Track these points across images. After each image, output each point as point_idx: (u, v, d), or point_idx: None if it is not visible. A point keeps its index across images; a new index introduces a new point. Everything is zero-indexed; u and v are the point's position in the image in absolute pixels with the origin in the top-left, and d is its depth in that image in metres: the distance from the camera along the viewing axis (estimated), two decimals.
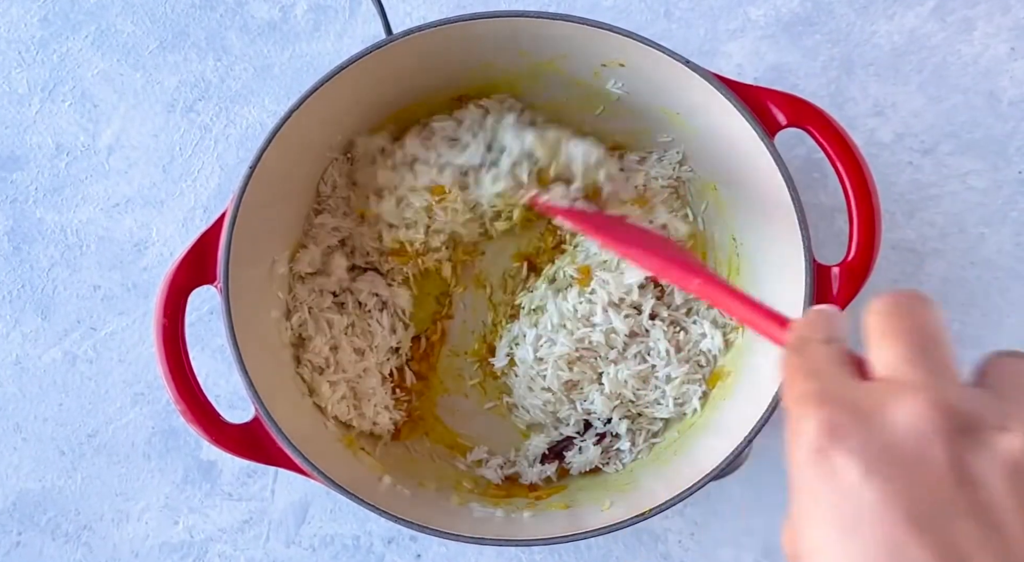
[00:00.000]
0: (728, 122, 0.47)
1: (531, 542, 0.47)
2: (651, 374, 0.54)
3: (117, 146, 0.61)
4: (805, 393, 0.24)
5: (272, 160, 0.47)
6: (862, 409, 0.23)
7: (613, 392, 0.53)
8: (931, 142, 0.58)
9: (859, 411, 0.23)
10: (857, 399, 0.23)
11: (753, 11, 0.60)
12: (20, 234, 0.60)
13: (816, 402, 0.24)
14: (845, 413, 0.23)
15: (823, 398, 0.24)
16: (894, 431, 0.22)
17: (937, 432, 0.22)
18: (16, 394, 0.59)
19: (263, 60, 0.61)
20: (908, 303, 0.25)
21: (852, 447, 0.22)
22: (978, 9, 0.59)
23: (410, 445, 0.56)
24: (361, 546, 0.57)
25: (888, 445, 0.22)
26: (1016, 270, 0.58)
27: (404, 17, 0.61)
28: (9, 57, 0.61)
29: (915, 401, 0.23)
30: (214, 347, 0.59)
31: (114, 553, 0.58)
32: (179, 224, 0.60)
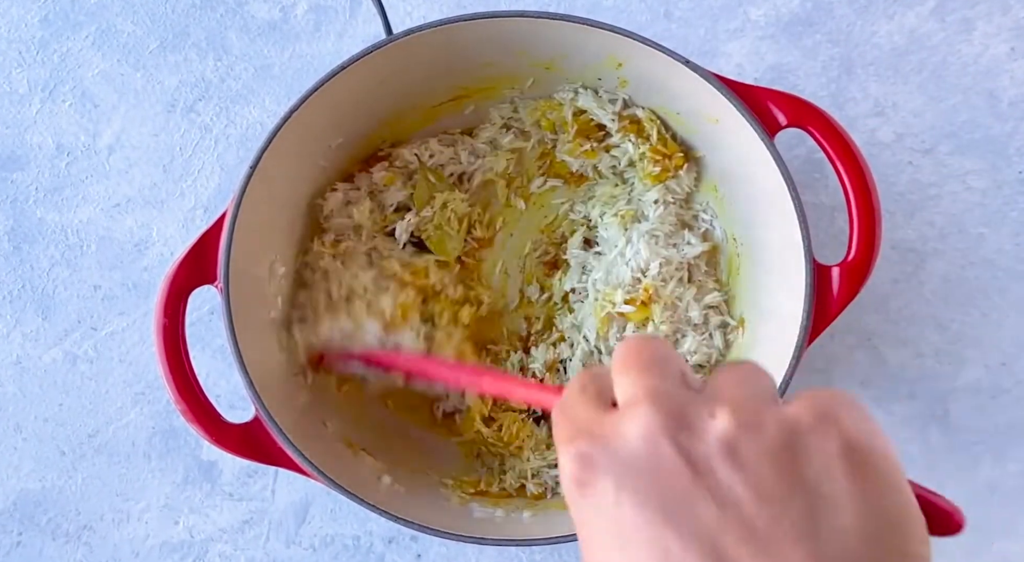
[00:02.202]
0: (728, 122, 0.47)
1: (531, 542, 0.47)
2: None
3: (117, 146, 0.61)
4: (561, 436, 0.27)
5: (272, 160, 0.47)
6: (604, 434, 0.25)
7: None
8: (931, 142, 0.59)
9: (601, 437, 0.25)
10: (601, 427, 0.26)
11: (753, 11, 0.60)
12: (20, 234, 0.60)
13: (568, 440, 0.26)
14: (589, 442, 0.25)
15: (573, 435, 0.26)
16: (627, 444, 0.25)
17: (661, 431, 0.24)
18: (16, 394, 0.59)
19: (263, 60, 0.61)
20: (638, 340, 0.28)
21: (601, 469, 0.25)
22: (978, 9, 0.59)
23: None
24: (361, 546, 0.57)
25: (627, 458, 0.24)
26: (1016, 270, 0.58)
27: (404, 17, 0.61)
28: (9, 57, 0.61)
29: (639, 412, 0.25)
30: (214, 347, 0.59)
31: (114, 553, 0.58)
32: (179, 224, 0.60)
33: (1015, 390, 0.57)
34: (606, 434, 0.25)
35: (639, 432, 0.25)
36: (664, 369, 0.26)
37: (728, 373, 0.27)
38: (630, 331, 0.54)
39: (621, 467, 0.24)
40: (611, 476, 0.24)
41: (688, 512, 0.23)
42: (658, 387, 0.26)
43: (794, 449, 0.23)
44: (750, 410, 0.24)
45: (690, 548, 0.23)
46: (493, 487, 0.55)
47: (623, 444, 0.25)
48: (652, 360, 0.27)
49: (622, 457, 0.25)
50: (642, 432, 0.25)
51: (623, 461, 0.24)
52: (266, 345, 0.50)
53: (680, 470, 0.24)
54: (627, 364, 0.27)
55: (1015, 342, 0.57)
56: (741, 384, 0.26)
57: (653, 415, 0.25)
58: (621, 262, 0.54)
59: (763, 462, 0.23)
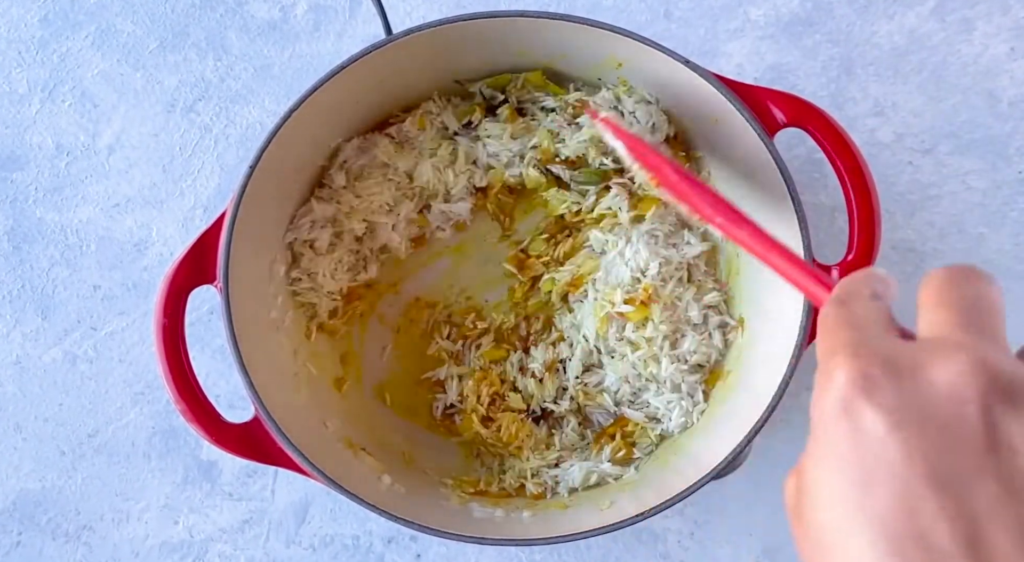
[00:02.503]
0: (728, 122, 0.47)
1: (531, 542, 0.47)
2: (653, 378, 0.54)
3: (117, 146, 0.61)
4: (841, 343, 0.23)
5: (272, 160, 0.47)
6: (898, 365, 0.22)
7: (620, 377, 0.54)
8: (931, 142, 0.59)
9: (895, 366, 0.22)
10: (895, 354, 0.22)
11: (753, 11, 0.60)
12: (20, 234, 0.60)
13: (851, 353, 0.23)
14: (879, 366, 0.22)
15: (859, 350, 0.23)
16: (929, 390, 0.21)
17: (976, 395, 0.21)
18: (16, 394, 0.59)
19: (263, 60, 0.61)
20: (963, 274, 0.24)
21: (882, 402, 0.22)
22: (978, 9, 0.59)
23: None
24: (361, 546, 0.57)
25: (921, 403, 0.21)
26: (1016, 270, 0.58)
27: (404, 17, 0.61)
28: (9, 57, 0.61)
29: (957, 361, 0.22)
30: (214, 347, 0.59)
31: (114, 553, 0.58)
32: (179, 224, 0.60)
33: None
34: (903, 366, 0.22)
35: (948, 384, 0.21)
36: (988, 322, 0.23)
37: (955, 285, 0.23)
38: (629, 331, 0.54)
39: (907, 409, 0.21)
40: (891, 414, 0.21)
41: (963, 484, 0.20)
42: (980, 346, 0.22)
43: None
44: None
45: (943, 516, 0.20)
46: (493, 487, 0.55)
47: (922, 388, 0.21)
48: (975, 308, 0.23)
49: (915, 400, 0.21)
50: (952, 385, 0.21)
51: (913, 404, 0.21)
52: (266, 345, 0.50)
53: (977, 441, 0.21)
54: (946, 299, 0.24)
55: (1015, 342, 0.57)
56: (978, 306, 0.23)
57: (971, 372, 0.21)
58: (620, 262, 0.54)
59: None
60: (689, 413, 0.54)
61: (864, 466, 0.21)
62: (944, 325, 0.23)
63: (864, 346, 0.23)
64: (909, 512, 0.21)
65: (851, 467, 0.22)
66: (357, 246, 0.56)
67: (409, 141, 0.56)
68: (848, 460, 0.22)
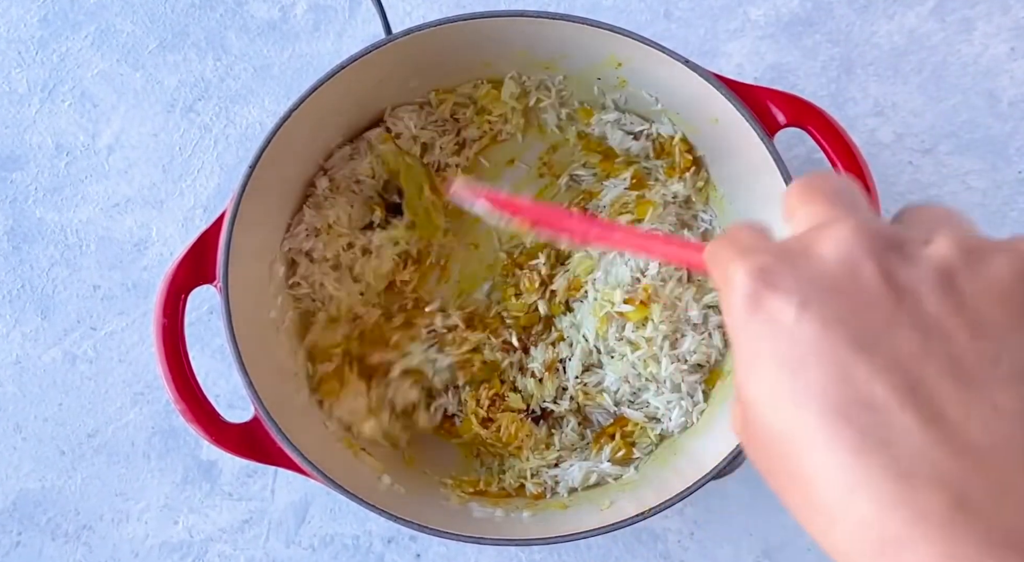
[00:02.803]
0: (728, 122, 0.47)
1: (531, 542, 0.47)
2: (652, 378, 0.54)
3: (117, 146, 0.61)
4: (729, 256, 0.24)
5: (272, 160, 0.47)
6: (789, 252, 0.23)
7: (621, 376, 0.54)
8: (931, 142, 0.59)
9: (786, 253, 0.23)
10: (782, 246, 0.23)
11: (753, 11, 0.60)
12: (20, 234, 0.60)
13: (741, 256, 0.23)
14: (771, 257, 0.23)
15: (747, 252, 0.23)
16: (822, 262, 0.22)
17: (866, 253, 0.22)
18: (16, 394, 0.59)
19: (263, 60, 0.61)
20: (817, 175, 0.25)
21: (784, 287, 0.22)
22: (978, 9, 0.59)
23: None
24: (361, 546, 0.57)
25: (819, 276, 0.22)
26: None
27: (404, 17, 0.61)
28: (9, 57, 0.61)
29: (839, 230, 0.22)
30: (214, 347, 0.59)
31: (114, 553, 0.58)
32: (179, 224, 0.60)
33: None
34: (793, 251, 0.22)
35: (837, 251, 0.22)
36: (856, 202, 0.24)
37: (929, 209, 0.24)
38: (629, 331, 0.53)
39: (808, 285, 0.22)
40: (795, 294, 0.22)
41: (884, 339, 0.21)
42: (856, 215, 0.23)
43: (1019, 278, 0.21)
44: (973, 241, 0.21)
45: (879, 376, 0.20)
46: (492, 487, 0.55)
47: (815, 263, 0.22)
48: (839, 194, 0.24)
49: (812, 275, 0.22)
50: (841, 252, 0.22)
51: (812, 279, 0.22)
52: (266, 345, 0.50)
53: (882, 296, 0.21)
54: (809, 197, 0.24)
55: None
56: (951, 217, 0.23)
57: (855, 235, 0.22)
58: (620, 262, 0.54)
59: (984, 297, 0.21)
60: (689, 413, 0.54)
61: (788, 354, 0.21)
62: (817, 215, 0.24)
63: (751, 248, 0.23)
64: (844, 380, 0.21)
65: (776, 359, 0.22)
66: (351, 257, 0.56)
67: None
68: (771, 354, 0.22)
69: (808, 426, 0.21)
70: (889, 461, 0.20)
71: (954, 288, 0.21)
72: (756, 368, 0.22)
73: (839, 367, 0.21)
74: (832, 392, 0.21)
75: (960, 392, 0.20)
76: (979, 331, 0.20)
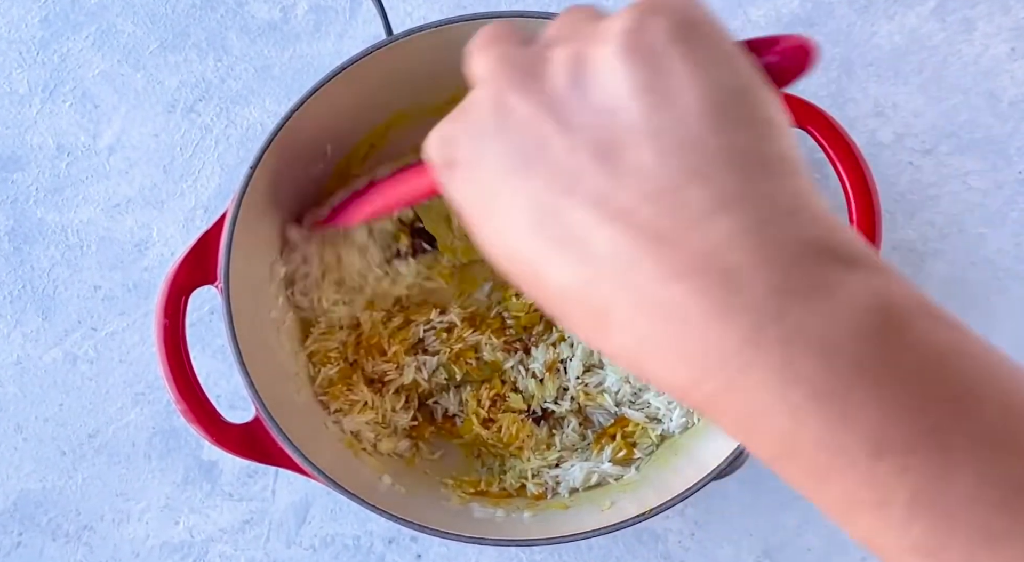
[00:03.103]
0: None
1: (531, 542, 0.47)
2: None
3: (118, 146, 0.61)
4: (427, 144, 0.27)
5: (273, 160, 0.47)
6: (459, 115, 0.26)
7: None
8: (931, 142, 0.59)
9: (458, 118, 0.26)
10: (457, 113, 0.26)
11: (753, 11, 0.60)
12: (21, 234, 0.60)
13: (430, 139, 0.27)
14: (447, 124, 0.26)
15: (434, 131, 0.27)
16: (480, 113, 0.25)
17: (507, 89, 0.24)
18: (17, 394, 0.59)
19: (263, 60, 0.61)
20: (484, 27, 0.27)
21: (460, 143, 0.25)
22: (978, 9, 0.59)
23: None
24: (361, 546, 0.57)
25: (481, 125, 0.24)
26: (1016, 270, 0.58)
27: (404, 17, 0.61)
28: (10, 57, 0.61)
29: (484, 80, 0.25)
30: (215, 347, 0.59)
31: (115, 553, 0.58)
32: (180, 224, 0.60)
33: None
34: (462, 113, 0.25)
35: (487, 97, 0.24)
36: (506, 37, 0.26)
37: (561, 15, 0.26)
38: None
39: (477, 134, 0.24)
40: (468, 146, 0.25)
41: (543, 148, 0.23)
42: (499, 52, 0.25)
43: (630, 50, 0.23)
44: (582, 35, 0.24)
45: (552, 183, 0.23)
46: (493, 487, 0.55)
47: (476, 116, 0.24)
48: (494, 35, 0.26)
49: (477, 127, 0.24)
50: (489, 96, 0.24)
51: (478, 129, 0.24)
52: (267, 345, 0.50)
53: (532, 117, 0.23)
54: (473, 48, 0.27)
55: (1015, 342, 0.57)
56: (574, 16, 0.26)
57: (495, 76, 0.24)
58: None
59: (603, 76, 0.23)
60: (690, 413, 0.54)
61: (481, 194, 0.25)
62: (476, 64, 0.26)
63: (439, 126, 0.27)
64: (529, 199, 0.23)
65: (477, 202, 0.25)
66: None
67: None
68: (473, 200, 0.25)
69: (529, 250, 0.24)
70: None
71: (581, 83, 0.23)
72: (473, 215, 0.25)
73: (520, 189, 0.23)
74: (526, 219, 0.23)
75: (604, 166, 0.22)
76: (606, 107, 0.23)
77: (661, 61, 0.22)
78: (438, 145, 0.26)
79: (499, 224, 0.24)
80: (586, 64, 0.23)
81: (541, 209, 0.23)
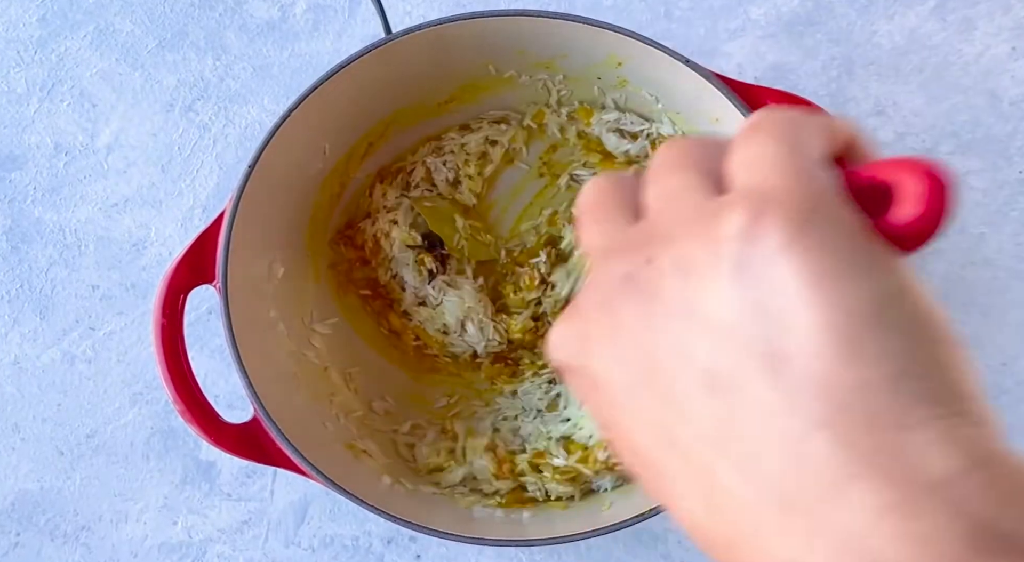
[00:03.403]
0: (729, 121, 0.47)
1: (531, 542, 0.47)
2: None
3: (116, 146, 0.60)
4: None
5: (271, 159, 0.47)
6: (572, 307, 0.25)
7: None
8: (931, 142, 0.58)
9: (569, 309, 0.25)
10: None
11: (754, 11, 0.60)
12: (18, 234, 0.60)
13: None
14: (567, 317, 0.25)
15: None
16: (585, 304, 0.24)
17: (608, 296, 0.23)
18: (14, 394, 0.59)
19: (262, 59, 0.61)
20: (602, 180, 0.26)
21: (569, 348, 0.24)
22: (979, 9, 0.59)
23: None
24: (360, 546, 0.57)
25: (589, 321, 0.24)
26: (1016, 270, 0.57)
27: (403, 16, 0.61)
28: (7, 57, 0.61)
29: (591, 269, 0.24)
30: (213, 347, 0.59)
31: (113, 553, 0.58)
32: (178, 224, 0.60)
33: (1016, 390, 0.57)
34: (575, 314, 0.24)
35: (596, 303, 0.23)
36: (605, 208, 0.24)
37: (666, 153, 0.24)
38: None
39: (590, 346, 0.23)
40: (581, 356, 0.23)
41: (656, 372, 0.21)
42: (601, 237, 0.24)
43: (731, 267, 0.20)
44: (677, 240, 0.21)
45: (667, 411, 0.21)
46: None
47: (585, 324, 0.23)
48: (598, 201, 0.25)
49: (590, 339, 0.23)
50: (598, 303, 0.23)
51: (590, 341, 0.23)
52: (265, 345, 0.50)
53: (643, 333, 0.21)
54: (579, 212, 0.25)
55: (1016, 342, 0.57)
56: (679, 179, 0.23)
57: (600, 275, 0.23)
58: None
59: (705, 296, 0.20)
60: None
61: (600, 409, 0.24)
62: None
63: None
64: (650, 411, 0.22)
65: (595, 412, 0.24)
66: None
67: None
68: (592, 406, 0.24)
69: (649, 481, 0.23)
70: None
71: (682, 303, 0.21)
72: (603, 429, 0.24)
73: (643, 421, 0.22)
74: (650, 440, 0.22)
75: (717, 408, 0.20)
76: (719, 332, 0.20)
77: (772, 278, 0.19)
78: (554, 349, 0.24)
79: (622, 444, 0.23)
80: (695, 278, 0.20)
81: (660, 442, 0.21)
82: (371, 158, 0.57)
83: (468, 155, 0.57)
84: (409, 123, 0.56)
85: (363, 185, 0.57)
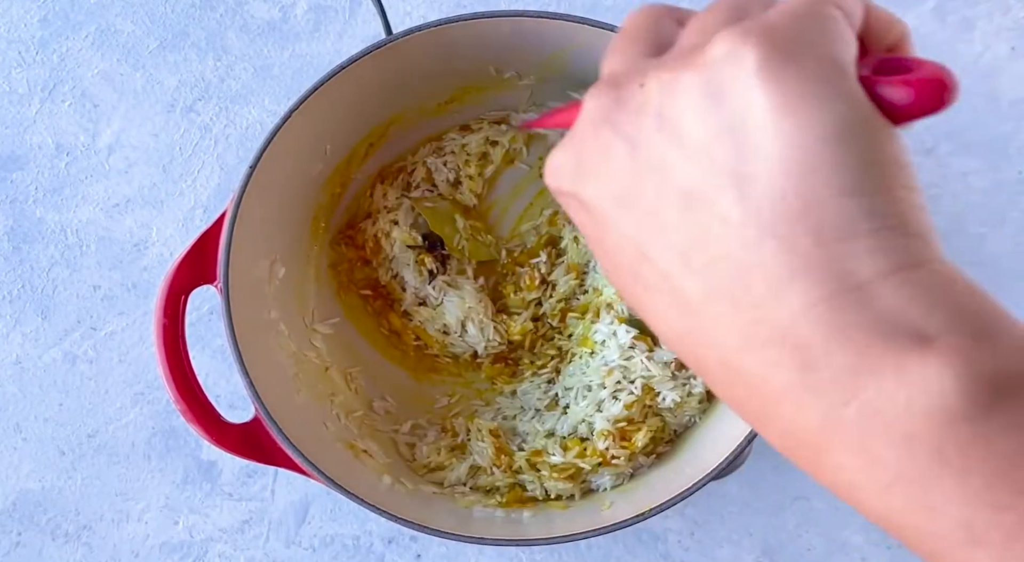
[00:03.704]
0: None
1: (531, 542, 0.47)
2: None
3: (117, 146, 0.61)
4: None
5: (272, 160, 0.47)
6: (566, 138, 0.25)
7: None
8: (931, 142, 0.58)
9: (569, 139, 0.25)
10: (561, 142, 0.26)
11: None
12: (20, 234, 0.60)
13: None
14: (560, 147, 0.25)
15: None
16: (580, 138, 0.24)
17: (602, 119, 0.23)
18: (16, 394, 0.59)
19: (263, 60, 0.61)
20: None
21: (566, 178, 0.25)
22: (978, 9, 0.59)
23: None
24: (361, 546, 0.57)
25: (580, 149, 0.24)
26: (1016, 270, 0.57)
27: (404, 17, 0.61)
28: (9, 57, 0.61)
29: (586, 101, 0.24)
30: (214, 347, 0.59)
31: (114, 553, 0.58)
32: (179, 224, 0.60)
33: None
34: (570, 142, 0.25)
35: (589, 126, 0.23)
36: (632, 40, 0.24)
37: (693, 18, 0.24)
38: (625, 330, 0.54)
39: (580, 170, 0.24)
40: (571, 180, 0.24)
41: (638, 196, 0.22)
42: (614, 65, 0.24)
43: (710, 89, 0.21)
44: (669, 66, 0.22)
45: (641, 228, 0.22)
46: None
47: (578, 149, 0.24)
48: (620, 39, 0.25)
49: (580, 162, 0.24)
50: (591, 127, 0.23)
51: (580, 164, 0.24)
52: (266, 345, 0.50)
53: (625, 157, 0.22)
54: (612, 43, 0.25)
55: None
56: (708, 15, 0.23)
57: (594, 101, 0.23)
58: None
59: (685, 117, 0.21)
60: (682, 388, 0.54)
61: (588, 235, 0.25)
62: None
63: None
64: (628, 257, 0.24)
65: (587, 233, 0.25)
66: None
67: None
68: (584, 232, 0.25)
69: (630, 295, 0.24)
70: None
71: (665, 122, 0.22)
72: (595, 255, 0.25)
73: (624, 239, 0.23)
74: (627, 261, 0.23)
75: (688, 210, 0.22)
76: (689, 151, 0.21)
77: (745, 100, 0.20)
78: (551, 175, 0.25)
79: (606, 261, 0.24)
80: (672, 105, 0.22)
81: (637, 256, 0.23)
82: (372, 158, 0.57)
83: (469, 155, 0.57)
84: (410, 123, 0.56)
85: (364, 185, 0.58)
